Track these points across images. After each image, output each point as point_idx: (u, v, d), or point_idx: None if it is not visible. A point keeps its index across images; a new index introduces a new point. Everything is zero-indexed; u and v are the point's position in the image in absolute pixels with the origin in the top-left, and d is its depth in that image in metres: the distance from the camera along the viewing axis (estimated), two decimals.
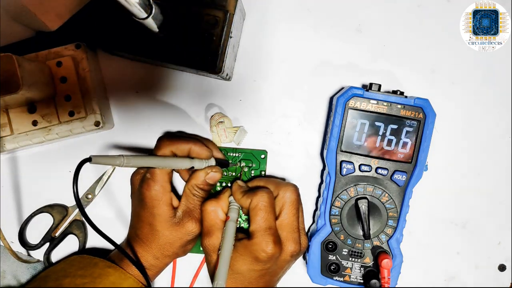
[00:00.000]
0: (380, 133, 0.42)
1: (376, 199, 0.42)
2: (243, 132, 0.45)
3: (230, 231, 0.39)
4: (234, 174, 0.45)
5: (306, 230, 0.46)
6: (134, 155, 0.37)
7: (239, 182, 0.43)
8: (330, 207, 0.43)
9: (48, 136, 0.44)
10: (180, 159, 0.39)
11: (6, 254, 0.46)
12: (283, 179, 0.46)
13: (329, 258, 0.43)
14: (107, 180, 0.47)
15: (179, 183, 0.47)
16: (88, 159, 0.32)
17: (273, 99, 0.46)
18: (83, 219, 0.47)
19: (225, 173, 0.45)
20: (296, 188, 0.41)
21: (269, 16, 0.46)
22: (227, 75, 0.44)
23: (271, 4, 0.46)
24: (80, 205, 0.33)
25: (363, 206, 0.41)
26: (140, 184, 0.40)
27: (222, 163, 0.43)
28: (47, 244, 0.46)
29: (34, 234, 0.47)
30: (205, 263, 0.42)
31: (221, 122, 0.44)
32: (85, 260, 0.42)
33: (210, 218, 0.40)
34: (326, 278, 0.43)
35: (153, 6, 0.34)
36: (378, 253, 0.42)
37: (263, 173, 0.46)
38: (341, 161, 0.42)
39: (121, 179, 0.47)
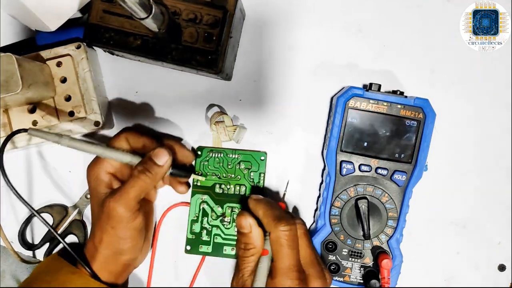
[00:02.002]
0: (380, 133, 0.42)
1: (376, 199, 0.42)
2: (242, 130, 0.45)
3: (264, 268, 0.36)
4: (233, 175, 0.45)
5: None
6: (76, 138, 0.37)
7: (254, 197, 0.40)
8: (330, 207, 0.43)
9: None
10: (121, 153, 0.39)
11: (5, 254, 0.46)
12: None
13: (329, 258, 0.43)
14: None
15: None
16: (24, 130, 0.32)
17: (273, 99, 0.46)
18: (82, 218, 0.47)
19: (224, 175, 0.45)
20: (304, 222, 0.38)
21: (269, 16, 0.46)
22: (227, 75, 0.44)
23: (271, 4, 0.46)
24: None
25: (363, 206, 0.41)
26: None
27: (183, 169, 0.42)
28: (47, 244, 0.46)
29: (34, 234, 0.47)
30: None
31: (221, 121, 0.44)
32: (53, 263, 0.40)
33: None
34: None
35: (153, 6, 0.34)
36: (378, 253, 0.42)
37: (262, 175, 0.45)
38: (341, 161, 0.42)
39: None
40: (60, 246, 0.46)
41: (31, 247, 0.46)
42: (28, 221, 0.46)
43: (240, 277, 0.36)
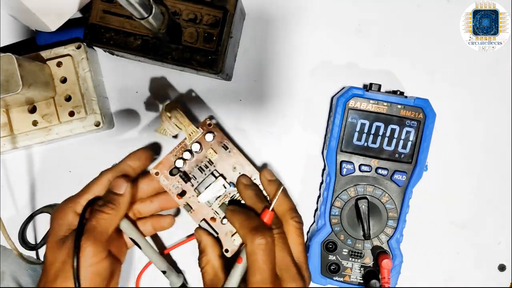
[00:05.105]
0: (380, 133, 0.42)
1: (376, 199, 0.42)
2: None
3: (237, 275, 0.36)
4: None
5: (307, 230, 0.46)
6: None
7: (230, 207, 0.40)
8: (330, 207, 0.43)
9: (48, 136, 0.44)
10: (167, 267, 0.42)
11: (4, 255, 0.46)
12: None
13: (329, 258, 0.43)
14: None
15: None
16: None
17: (273, 99, 0.46)
18: None
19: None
20: (298, 219, 0.38)
21: (269, 16, 0.46)
22: (227, 75, 0.44)
23: (271, 4, 0.46)
24: None
25: (363, 206, 0.41)
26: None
27: None
28: None
29: (34, 234, 0.47)
30: None
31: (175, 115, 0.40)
32: None
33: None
34: (326, 278, 0.43)
35: (153, 6, 0.34)
36: (378, 253, 0.42)
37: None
38: (341, 161, 0.42)
39: None
40: None
41: (30, 247, 0.46)
42: (28, 221, 0.46)
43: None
